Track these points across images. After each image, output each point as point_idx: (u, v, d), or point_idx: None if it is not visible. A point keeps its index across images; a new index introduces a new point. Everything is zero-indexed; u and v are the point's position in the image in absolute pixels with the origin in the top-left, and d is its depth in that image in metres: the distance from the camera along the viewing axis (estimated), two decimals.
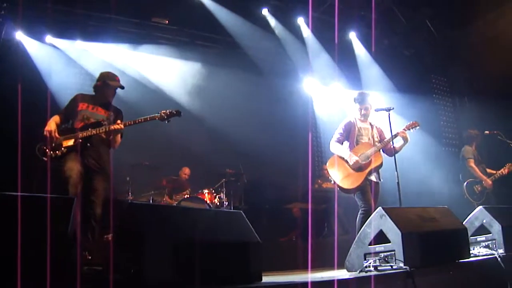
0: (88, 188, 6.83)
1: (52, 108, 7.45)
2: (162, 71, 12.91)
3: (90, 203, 6.76)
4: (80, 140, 6.92)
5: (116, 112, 7.51)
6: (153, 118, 7.33)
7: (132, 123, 7.18)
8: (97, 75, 7.59)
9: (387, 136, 8.15)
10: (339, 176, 7.98)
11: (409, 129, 8.26)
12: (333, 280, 4.78)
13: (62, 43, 12.02)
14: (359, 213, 7.79)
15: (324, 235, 11.58)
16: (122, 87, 7.49)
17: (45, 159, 6.84)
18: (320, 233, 11.50)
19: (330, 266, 7.56)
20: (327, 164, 8.26)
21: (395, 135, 8.05)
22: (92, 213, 6.75)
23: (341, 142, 8.19)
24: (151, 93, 12.44)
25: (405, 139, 8.08)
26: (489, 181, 10.67)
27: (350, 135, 8.17)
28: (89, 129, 7.02)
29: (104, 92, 7.41)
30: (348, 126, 8.22)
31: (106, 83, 7.38)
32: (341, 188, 7.99)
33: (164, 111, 7.38)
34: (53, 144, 6.86)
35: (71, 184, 6.64)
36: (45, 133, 6.82)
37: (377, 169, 8.03)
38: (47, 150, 6.85)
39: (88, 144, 7.02)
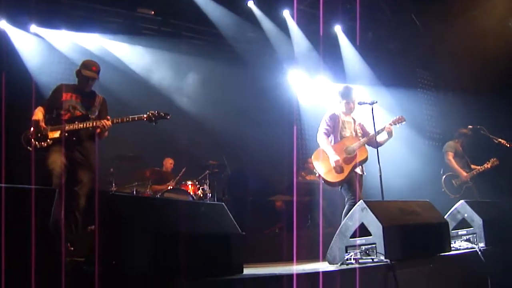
0: (72, 179, 6.84)
1: (37, 97, 7.42)
2: (147, 62, 12.86)
3: (74, 195, 6.77)
4: (66, 134, 6.92)
5: (100, 102, 7.51)
6: (141, 119, 7.34)
7: (119, 121, 7.18)
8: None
9: (369, 129, 8.19)
10: (324, 169, 7.96)
11: (395, 124, 8.29)
12: (318, 272, 4.82)
13: (47, 33, 11.95)
14: (348, 204, 7.80)
15: (307, 227, 11.62)
16: (95, 78, 7.44)
17: (30, 148, 6.84)
18: (303, 225, 11.54)
19: (314, 258, 7.60)
20: (313, 156, 8.24)
21: (381, 130, 8.09)
22: (76, 204, 6.76)
23: (328, 134, 8.15)
24: (135, 84, 12.41)
25: (390, 134, 8.11)
26: (465, 174, 10.77)
27: (334, 128, 8.15)
28: (76, 122, 7.01)
29: (81, 81, 7.39)
30: (333, 118, 8.19)
31: (80, 72, 7.36)
32: (325, 181, 7.98)
33: (153, 112, 7.39)
34: (39, 134, 6.85)
35: (55, 175, 6.64)
36: (32, 122, 6.81)
37: (362, 163, 8.05)
38: (33, 140, 6.84)
39: (74, 138, 7.02)
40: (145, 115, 7.34)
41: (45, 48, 11.90)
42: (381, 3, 13.47)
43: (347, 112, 8.27)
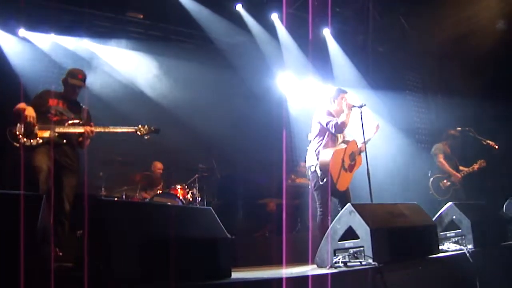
0: (57, 184, 6.80)
1: (26, 102, 7.34)
2: (135, 66, 12.82)
3: (60, 199, 6.74)
4: (56, 134, 6.90)
5: (86, 112, 7.50)
6: (129, 131, 7.36)
7: (107, 131, 7.19)
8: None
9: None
10: (337, 176, 7.77)
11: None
12: (307, 276, 4.82)
13: (36, 37, 11.86)
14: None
15: (297, 230, 11.62)
16: (81, 86, 7.42)
17: (16, 144, 6.78)
18: (293, 228, 11.54)
19: (304, 262, 7.59)
20: (329, 159, 7.77)
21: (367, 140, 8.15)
22: (62, 209, 6.73)
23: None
24: (123, 88, 12.36)
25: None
26: (457, 175, 10.81)
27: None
28: (66, 124, 7.00)
29: (68, 90, 7.38)
30: (330, 114, 8.14)
31: (66, 80, 7.35)
32: (334, 188, 7.81)
33: (143, 127, 7.41)
34: (29, 131, 6.79)
35: (41, 180, 6.60)
36: (28, 118, 6.76)
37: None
38: (21, 136, 6.79)
39: (64, 141, 7.00)
40: (135, 128, 7.35)
41: (34, 52, 11.80)
42: (370, 6, 13.48)
43: (339, 112, 8.20)
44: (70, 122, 7.09)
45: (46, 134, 6.87)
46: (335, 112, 8.18)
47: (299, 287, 4.67)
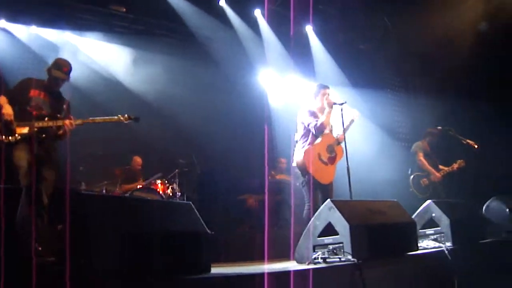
0: (36, 178, 6.74)
1: (5, 92, 7.25)
2: (117, 59, 12.73)
3: (39, 193, 6.68)
4: (36, 129, 6.83)
5: (67, 105, 7.43)
6: (111, 121, 7.32)
7: (87, 121, 7.15)
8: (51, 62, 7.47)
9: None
10: (316, 169, 7.90)
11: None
12: (288, 272, 4.83)
13: (16, 28, 11.76)
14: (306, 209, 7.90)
15: (278, 226, 11.62)
16: (65, 79, 7.34)
17: None
18: (274, 224, 11.55)
19: (285, 257, 7.61)
20: (302, 157, 8.00)
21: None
22: (41, 203, 6.68)
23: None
24: (105, 82, 12.29)
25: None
26: (437, 174, 10.88)
27: None
28: (46, 119, 6.93)
29: (51, 81, 7.28)
30: (313, 114, 8.18)
31: (50, 71, 7.24)
32: (318, 183, 7.96)
33: (122, 116, 7.38)
34: (7, 128, 6.72)
35: (22, 174, 6.56)
36: (5, 116, 6.66)
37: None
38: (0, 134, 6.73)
39: (43, 135, 6.94)
40: (115, 117, 7.32)
41: (14, 43, 11.70)
42: (352, 3, 13.49)
43: (321, 109, 8.24)
44: (48, 118, 7.02)
45: (25, 130, 6.80)
46: (318, 109, 8.25)
47: (279, 282, 4.66)
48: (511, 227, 8.56)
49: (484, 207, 7.87)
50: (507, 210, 6.42)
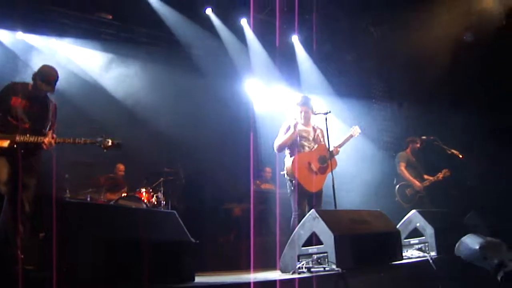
0: (17, 186, 6.68)
1: None
2: (102, 66, 12.66)
3: (21, 200, 6.62)
4: (15, 146, 6.74)
5: (53, 111, 7.35)
6: (93, 143, 7.23)
7: (67, 141, 7.05)
8: (36, 68, 7.35)
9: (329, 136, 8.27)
10: (302, 177, 7.92)
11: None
12: (275, 281, 4.83)
13: (2, 34, 11.69)
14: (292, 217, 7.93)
15: (262, 235, 11.62)
16: (50, 91, 7.19)
17: None
18: (258, 233, 11.53)
19: (269, 267, 7.61)
20: (287, 166, 8.08)
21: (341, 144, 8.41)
22: (22, 210, 6.62)
23: None
24: (90, 89, 12.19)
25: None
26: (418, 183, 10.94)
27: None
28: (27, 135, 6.84)
29: (35, 88, 7.11)
30: (287, 128, 8.24)
31: (35, 80, 7.04)
32: (305, 191, 7.97)
33: (105, 140, 7.29)
34: None
35: (2, 183, 6.50)
36: None
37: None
38: None
39: (22, 151, 6.84)
40: (98, 140, 7.24)
41: (1, 49, 11.66)
42: (338, 13, 13.54)
43: (305, 121, 8.31)
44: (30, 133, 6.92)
45: (5, 144, 6.64)
46: (299, 122, 8.32)
47: None
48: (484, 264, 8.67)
49: (456, 247, 7.89)
50: (478, 248, 6.41)
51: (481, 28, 12.01)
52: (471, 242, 6.45)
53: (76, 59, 12.42)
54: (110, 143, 7.26)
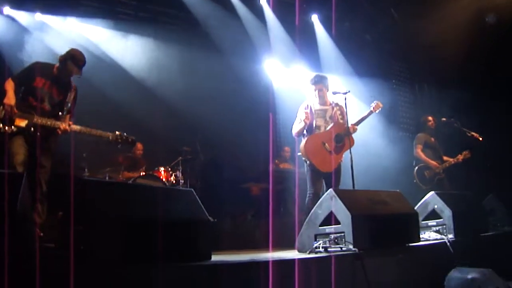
0: (34, 165, 6.72)
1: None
2: (121, 46, 12.64)
3: (38, 180, 6.66)
4: (33, 125, 6.75)
5: (74, 95, 7.38)
6: (107, 137, 7.30)
7: (83, 131, 7.10)
8: (56, 49, 7.39)
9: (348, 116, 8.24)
10: (317, 158, 7.96)
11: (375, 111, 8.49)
12: (293, 260, 4.84)
13: (21, 15, 11.67)
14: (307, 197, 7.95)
15: (280, 214, 11.64)
16: (78, 75, 7.25)
17: None
18: (276, 213, 11.54)
19: (286, 247, 7.62)
20: (303, 146, 8.10)
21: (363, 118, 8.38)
22: (41, 189, 6.67)
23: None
24: (108, 68, 12.12)
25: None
26: (436, 164, 10.82)
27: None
28: (46, 117, 6.87)
29: (62, 71, 7.19)
30: (304, 109, 8.24)
31: (65, 62, 7.12)
32: (319, 171, 8.01)
33: (120, 136, 7.35)
34: (7, 118, 6.60)
35: (18, 162, 6.51)
36: (6, 106, 6.56)
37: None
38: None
39: (38, 134, 6.87)
40: (111, 134, 7.30)
41: (19, 30, 11.65)
42: None
43: (320, 100, 8.29)
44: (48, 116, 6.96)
45: (23, 123, 6.65)
46: (315, 101, 8.30)
47: (280, 270, 4.66)
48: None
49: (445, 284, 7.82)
50: (470, 279, 6.33)
51: (504, 9, 11.91)
52: (461, 275, 6.37)
53: (94, 39, 12.39)
54: (124, 139, 7.35)
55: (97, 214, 4.23)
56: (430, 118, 11.41)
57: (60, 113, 7.06)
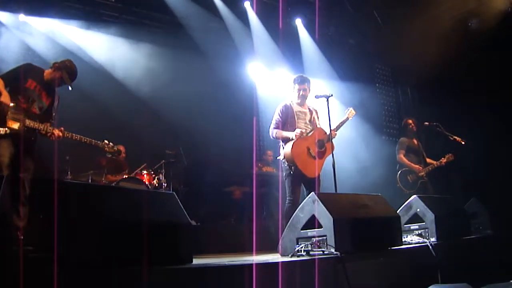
0: (17, 168, 6.68)
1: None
2: (105, 48, 12.57)
3: (22, 183, 6.63)
4: (25, 128, 6.72)
5: (56, 100, 7.37)
6: (97, 145, 7.36)
7: (73, 138, 7.11)
8: (41, 51, 7.37)
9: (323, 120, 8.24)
10: (301, 163, 7.90)
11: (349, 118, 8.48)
12: (277, 263, 4.83)
13: (4, 16, 11.61)
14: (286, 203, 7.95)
15: (263, 218, 11.65)
16: (68, 85, 7.25)
17: None
18: (259, 217, 11.54)
19: (268, 250, 7.62)
20: (291, 150, 7.94)
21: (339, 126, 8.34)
22: (23, 192, 6.63)
23: (278, 127, 8.16)
24: (92, 71, 12.00)
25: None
26: (420, 168, 10.84)
27: (288, 119, 8.16)
28: (37, 121, 6.85)
29: (55, 80, 7.16)
30: (285, 109, 8.23)
31: (60, 71, 7.13)
32: (304, 176, 7.97)
33: (108, 145, 7.42)
34: (1, 117, 6.60)
35: (4, 165, 6.48)
36: (2, 105, 6.47)
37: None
38: None
39: (33, 138, 6.86)
40: (100, 143, 7.35)
41: (3, 32, 11.58)
42: None
43: (301, 102, 8.29)
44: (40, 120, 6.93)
45: (15, 126, 6.62)
46: (295, 103, 8.30)
47: (259, 273, 4.65)
48: None
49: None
50: None
51: (486, 14, 11.99)
52: None
53: (78, 41, 12.33)
54: (111, 149, 7.43)
55: (79, 217, 4.20)
56: (410, 121, 11.44)
57: (50, 119, 7.05)
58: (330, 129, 7.96)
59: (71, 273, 3.78)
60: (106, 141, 7.51)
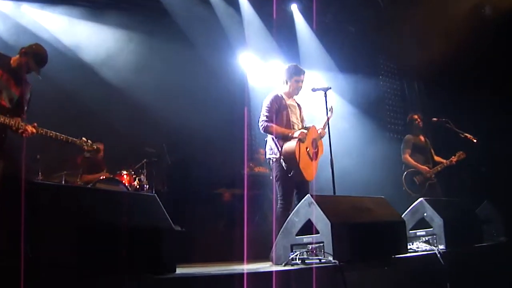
0: None
1: None
2: (82, 36, 12.40)
3: None
4: None
5: (28, 89, 7.30)
6: (74, 143, 7.32)
7: (49, 135, 7.07)
8: (4, 36, 7.30)
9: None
10: (304, 165, 7.84)
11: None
12: (271, 272, 4.80)
13: None
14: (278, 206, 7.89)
15: (255, 222, 11.60)
16: (37, 73, 7.21)
17: None
18: (251, 221, 11.50)
19: (262, 258, 7.58)
20: (294, 149, 7.83)
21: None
22: None
23: (271, 120, 7.99)
24: (67, 60, 11.92)
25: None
26: (427, 169, 10.80)
27: (279, 112, 8.06)
28: (8, 115, 6.78)
29: (20, 65, 7.09)
30: (276, 100, 8.13)
31: (26, 57, 7.07)
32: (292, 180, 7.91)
33: (86, 142, 7.38)
34: None
35: None
36: None
37: None
38: None
39: (3, 135, 6.82)
40: (77, 140, 7.30)
41: None
42: None
43: (292, 93, 8.22)
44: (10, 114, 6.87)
45: None
46: (286, 95, 8.23)
47: (251, 283, 4.62)
48: None
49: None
50: None
51: (502, 2, 11.97)
52: None
53: (49, 27, 12.19)
54: (90, 146, 7.39)
55: (50, 221, 4.15)
56: (416, 116, 11.41)
57: (20, 113, 6.99)
58: (328, 128, 7.94)
59: (41, 284, 3.75)
60: (84, 139, 7.49)
